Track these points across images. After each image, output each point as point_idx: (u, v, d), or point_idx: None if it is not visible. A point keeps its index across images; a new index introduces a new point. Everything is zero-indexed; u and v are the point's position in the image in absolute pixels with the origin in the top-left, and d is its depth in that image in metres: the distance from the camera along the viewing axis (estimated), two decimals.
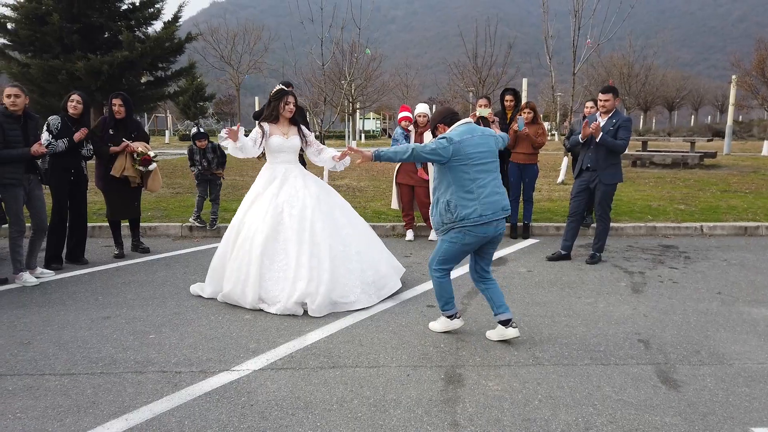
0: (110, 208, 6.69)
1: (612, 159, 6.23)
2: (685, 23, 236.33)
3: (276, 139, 5.11)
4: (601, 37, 12.91)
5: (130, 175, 6.38)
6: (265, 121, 5.14)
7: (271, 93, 5.30)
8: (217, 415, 3.10)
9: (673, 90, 55.18)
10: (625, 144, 6.18)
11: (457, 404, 3.24)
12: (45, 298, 5.12)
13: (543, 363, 3.79)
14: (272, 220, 4.86)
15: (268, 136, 5.10)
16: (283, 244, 4.82)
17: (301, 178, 5.14)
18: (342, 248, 4.92)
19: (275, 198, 4.97)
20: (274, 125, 5.15)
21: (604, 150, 6.14)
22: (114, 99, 6.40)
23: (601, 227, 6.45)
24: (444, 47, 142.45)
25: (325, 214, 4.99)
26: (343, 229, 5.06)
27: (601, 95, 6.29)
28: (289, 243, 4.81)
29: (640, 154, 18.08)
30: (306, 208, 4.92)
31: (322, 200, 5.08)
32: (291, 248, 4.79)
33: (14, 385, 3.44)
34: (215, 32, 35.70)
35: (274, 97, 5.19)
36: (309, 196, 5.01)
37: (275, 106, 5.16)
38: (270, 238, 4.82)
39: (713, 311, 4.85)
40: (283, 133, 5.15)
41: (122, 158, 6.33)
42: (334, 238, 4.92)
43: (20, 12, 15.64)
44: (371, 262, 5.07)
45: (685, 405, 3.24)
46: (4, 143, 5.25)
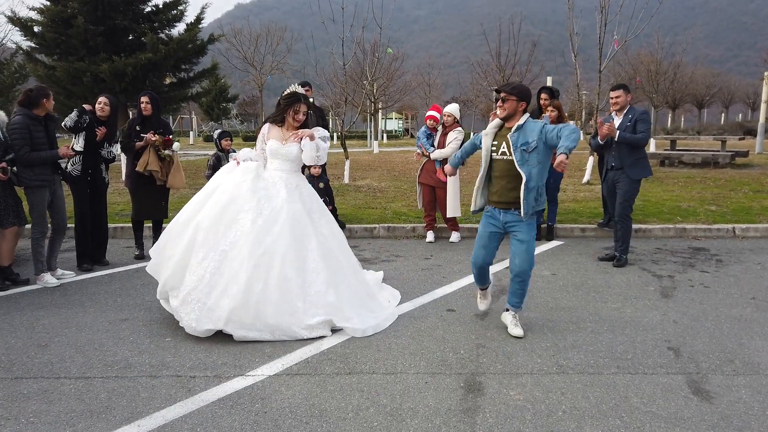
0: (135, 207, 6.72)
1: (636, 154, 6.12)
2: (715, 19, 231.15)
3: (272, 143, 4.61)
4: (628, 34, 12.60)
5: (153, 170, 6.39)
6: (269, 122, 4.75)
7: (283, 94, 4.76)
8: (229, 422, 3.03)
9: (703, 87, 53.90)
10: (646, 136, 6.10)
11: (477, 414, 3.12)
12: (65, 300, 5.13)
13: (567, 371, 3.65)
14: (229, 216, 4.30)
15: (266, 138, 4.68)
16: (226, 246, 4.21)
17: (285, 190, 4.49)
18: (293, 276, 4.24)
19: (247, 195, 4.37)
20: (276, 128, 4.68)
21: (627, 147, 6.05)
22: (142, 97, 6.53)
23: (624, 229, 6.23)
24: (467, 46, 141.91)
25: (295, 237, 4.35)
26: (309, 262, 4.36)
27: (611, 92, 6.27)
28: (234, 249, 4.20)
29: (668, 153, 17.64)
30: (276, 222, 4.31)
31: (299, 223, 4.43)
32: (235, 254, 4.19)
33: (29, 388, 3.41)
34: (238, 34, 35.97)
35: (286, 100, 4.64)
36: (289, 213, 4.38)
37: (284, 110, 4.65)
38: (212, 232, 4.26)
39: (747, 318, 4.63)
40: (283, 138, 4.62)
41: (146, 153, 6.38)
42: (299, 271, 4.28)
43: (46, 15, 15.91)
44: (321, 300, 4.29)
45: (718, 418, 3.07)
46: (31, 146, 5.29)
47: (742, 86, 66.99)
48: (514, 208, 4.12)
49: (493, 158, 4.21)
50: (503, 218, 4.20)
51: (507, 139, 4.12)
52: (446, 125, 7.27)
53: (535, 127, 4.07)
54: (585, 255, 6.77)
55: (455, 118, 7.25)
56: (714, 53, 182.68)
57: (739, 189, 11.38)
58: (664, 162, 16.98)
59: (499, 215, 4.21)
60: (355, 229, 7.99)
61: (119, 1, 15.93)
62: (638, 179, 6.17)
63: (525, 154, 4.03)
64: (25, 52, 17.76)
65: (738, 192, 10.99)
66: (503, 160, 4.15)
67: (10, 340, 4.16)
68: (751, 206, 9.28)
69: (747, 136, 26.90)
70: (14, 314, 4.72)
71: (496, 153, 4.19)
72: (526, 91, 4.15)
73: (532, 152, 4.03)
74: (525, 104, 4.13)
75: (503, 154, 4.14)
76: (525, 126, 4.09)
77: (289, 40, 38.21)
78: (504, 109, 4.12)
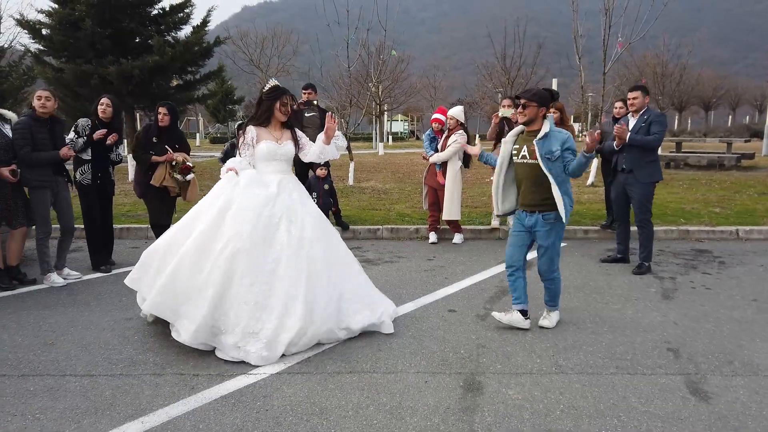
0: (152, 213, 6.66)
1: (648, 157, 6.01)
2: (722, 21, 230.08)
3: (267, 145, 4.29)
4: (632, 36, 12.61)
5: (169, 185, 6.35)
6: (252, 123, 4.37)
7: (264, 91, 4.44)
8: (231, 420, 3.08)
9: (709, 90, 53.69)
10: (658, 138, 5.95)
11: (476, 413, 3.15)
12: (71, 299, 5.20)
13: (566, 371, 3.68)
14: (264, 232, 4.04)
15: (255, 142, 4.30)
16: (272, 265, 3.99)
17: (297, 193, 4.36)
18: (339, 283, 4.21)
19: (270, 207, 4.13)
20: (264, 129, 4.34)
21: (638, 149, 5.95)
22: (160, 107, 6.37)
23: (645, 234, 6.09)
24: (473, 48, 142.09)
25: (325, 240, 4.30)
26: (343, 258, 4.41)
27: (629, 93, 6.15)
28: (280, 265, 3.99)
29: (674, 155, 17.62)
30: (305, 228, 4.18)
31: (320, 221, 4.39)
32: (283, 272, 3.98)
33: (35, 385, 3.48)
34: (245, 36, 36.12)
35: (268, 96, 4.35)
36: (308, 214, 4.29)
37: (269, 107, 4.34)
38: (254, 254, 3.96)
39: (748, 319, 4.65)
40: (275, 138, 4.34)
41: (162, 168, 6.28)
42: (333, 270, 4.22)
43: (54, 18, 16.05)
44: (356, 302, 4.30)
45: (715, 418, 3.10)
46: (33, 147, 5.37)
47: (749, 88, 66.67)
48: (539, 210, 4.27)
49: (515, 162, 4.37)
50: (528, 222, 4.36)
51: (529, 144, 4.26)
52: (450, 128, 7.31)
53: (559, 137, 4.21)
54: (587, 257, 6.79)
55: (458, 121, 7.28)
56: (722, 55, 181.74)
57: (743, 191, 11.36)
58: (670, 164, 16.95)
59: (525, 218, 4.37)
60: (359, 230, 8.04)
61: (126, 4, 16.05)
62: (650, 182, 6.04)
63: (549, 162, 4.17)
64: (33, 55, 17.92)
65: (743, 194, 10.97)
66: (525, 164, 4.29)
67: (17, 338, 4.23)
68: (756, 208, 9.27)
69: (753, 138, 26.81)
70: (21, 313, 4.79)
71: (517, 157, 4.34)
72: (546, 97, 4.29)
73: (555, 161, 4.17)
74: (545, 110, 4.28)
75: (524, 157, 4.29)
76: (550, 134, 4.21)
77: (295, 43, 38.35)
78: (524, 115, 4.27)
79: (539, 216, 4.29)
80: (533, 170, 4.24)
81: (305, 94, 8.19)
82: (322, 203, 7.42)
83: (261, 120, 4.36)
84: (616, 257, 6.45)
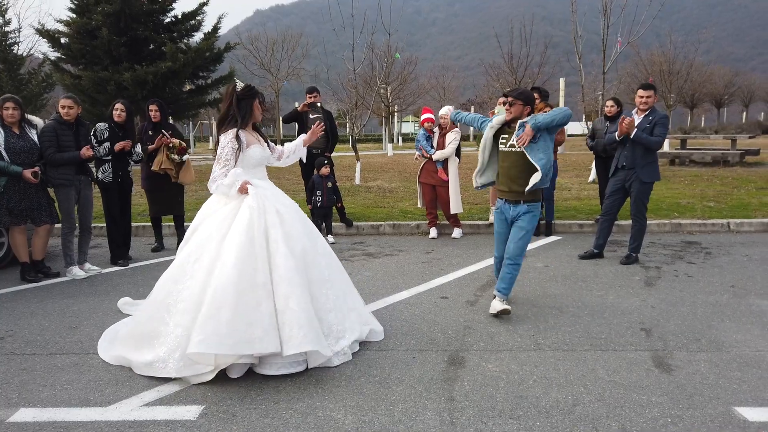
0: (152, 206, 7.34)
1: (649, 157, 6.17)
2: (737, 17, 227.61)
3: (256, 150, 3.95)
4: (631, 36, 12.84)
5: (167, 168, 6.99)
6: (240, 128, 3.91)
7: (235, 91, 3.92)
8: (236, 389, 3.45)
9: (721, 86, 53.40)
10: (661, 141, 6.15)
11: (456, 383, 3.49)
12: (92, 289, 5.62)
13: (543, 348, 4.00)
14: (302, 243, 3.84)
15: (245, 147, 3.90)
16: (327, 270, 3.96)
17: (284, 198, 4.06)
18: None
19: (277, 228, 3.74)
20: (247, 132, 3.97)
21: (641, 147, 6.10)
22: (150, 105, 7.16)
23: (638, 227, 6.34)
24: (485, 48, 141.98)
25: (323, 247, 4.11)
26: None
27: (642, 92, 6.18)
28: (331, 270, 4.00)
29: (678, 152, 17.76)
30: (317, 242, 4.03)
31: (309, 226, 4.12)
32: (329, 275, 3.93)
33: (62, 362, 3.88)
34: (255, 40, 36.70)
35: (247, 94, 3.93)
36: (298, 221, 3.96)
37: (249, 105, 3.93)
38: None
39: (722, 303, 4.93)
40: (258, 140, 4.02)
41: (160, 153, 6.99)
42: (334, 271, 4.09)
43: (72, 27, 16.67)
44: None
45: (674, 387, 3.41)
46: (57, 148, 5.82)
47: (763, 84, 66.10)
48: (523, 201, 4.60)
49: (503, 151, 4.71)
50: (512, 213, 4.69)
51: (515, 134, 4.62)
52: (443, 126, 7.65)
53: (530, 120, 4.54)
54: (580, 249, 7.07)
55: (452, 119, 7.62)
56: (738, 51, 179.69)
57: (743, 186, 11.56)
58: (674, 161, 17.13)
59: (509, 210, 4.69)
60: (362, 226, 8.40)
61: (141, 13, 16.63)
62: (651, 182, 6.21)
63: (532, 144, 4.52)
64: (52, 63, 18.58)
65: (741, 189, 11.17)
66: (513, 152, 4.63)
67: (44, 323, 4.65)
68: (750, 202, 9.49)
69: (765, 134, 26.74)
70: (47, 302, 5.22)
71: (505, 146, 4.69)
72: (531, 97, 4.70)
73: (537, 142, 4.52)
74: (529, 108, 4.65)
75: (512, 146, 4.63)
76: (528, 120, 4.56)
77: (305, 46, 38.88)
78: (511, 113, 4.63)
79: (524, 206, 4.62)
80: (521, 159, 4.58)
81: (310, 97, 8.56)
82: (326, 200, 7.79)
83: (247, 122, 3.96)
84: (593, 252, 6.59)
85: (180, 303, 3.62)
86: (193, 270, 3.66)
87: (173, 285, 3.71)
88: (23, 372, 3.70)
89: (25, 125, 5.88)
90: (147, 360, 3.62)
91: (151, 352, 3.64)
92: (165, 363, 3.55)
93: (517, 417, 3.05)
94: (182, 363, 3.51)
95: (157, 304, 3.76)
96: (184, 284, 3.66)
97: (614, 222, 6.78)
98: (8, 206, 5.71)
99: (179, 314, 3.58)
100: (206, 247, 3.69)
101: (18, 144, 5.70)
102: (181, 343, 3.50)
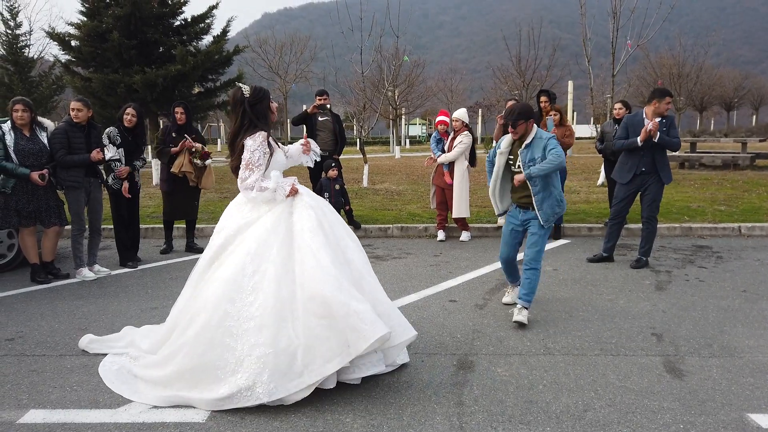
0: (168, 209, 7.30)
1: (666, 159, 6.21)
2: (747, 20, 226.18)
3: (280, 154, 3.75)
4: (641, 38, 12.79)
5: (187, 171, 6.98)
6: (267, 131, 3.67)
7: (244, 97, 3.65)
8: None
9: (731, 89, 53.06)
10: (679, 141, 6.20)
11: (465, 387, 3.47)
12: (101, 291, 5.64)
13: (553, 353, 3.98)
14: None
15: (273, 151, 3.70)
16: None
17: None
18: None
19: None
20: None
21: (660, 151, 6.11)
22: (177, 107, 7.14)
23: (650, 230, 6.30)
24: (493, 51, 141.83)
25: None
26: None
27: (666, 98, 6.09)
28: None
29: (688, 155, 17.63)
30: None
31: None
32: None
33: (72, 363, 3.89)
34: (264, 43, 36.84)
35: (258, 98, 3.67)
36: None
37: (264, 108, 3.71)
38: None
39: (734, 308, 4.89)
40: (276, 144, 3.82)
41: (181, 157, 6.98)
42: None
43: (83, 30, 16.77)
44: None
45: (686, 392, 3.37)
46: (68, 150, 5.85)
47: None
48: (532, 208, 4.60)
49: (513, 171, 4.71)
50: (522, 217, 4.70)
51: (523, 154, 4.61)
52: (456, 129, 7.64)
53: (540, 144, 4.50)
54: (589, 252, 7.02)
55: (463, 122, 7.62)
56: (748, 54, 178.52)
57: (753, 190, 11.46)
58: (684, 164, 17.00)
59: (519, 214, 4.71)
60: (370, 229, 8.39)
61: (151, 16, 16.71)
62: (666, 183, 6.20)
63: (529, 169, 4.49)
64: (63, 65, 18.70)
65: (752, 193, 11.07)
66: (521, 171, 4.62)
67: (54, 324, 4.67)
68: (762, 206, 9.41)
69: None
70: (57, 303, 5.24)
71: (514, 166, 4.69)
72: (529, 110, 4.57)
73: None
74: (533, 120, 4.57)
75: (519, 167, 4.62)
76: (533, 144, 4.52)
77: (313, 48, 38.99)
78: (517, 133, 4.58)
79: (533, 212, 4.61)
80: None
81: (319, 100, 8.59)
82: (334, 203, 7.79)
83: (268, 126, 3.75)
84: (602, 256, 6.56)
85: (248, 322, 3.25)
86: (253, 284, 3.32)
87: (230, 305, 3.30)
88: (33, 373, 3.71)
89: (36, 127, 5.92)
90: (221, 395, 3.17)
91: (222, 384, 3.20)
92: (251, 390, 3.14)
93: (527, 422, 3.03)
94: (273, 385, 3.14)
95: (212, 330, 3.28)
96: (245, 301, 3.30)
97: (624, 225, 6.74)
98: (17, 208, 5.75)
99: (251, 333, 3.22)
100: (264, 257, 3.37)
101: (27, 146, 5.73)
102: (268, 362, 3.14)
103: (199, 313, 3.38)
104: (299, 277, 3.32)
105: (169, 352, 3.50)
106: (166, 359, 3.48)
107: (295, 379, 3.17)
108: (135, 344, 3.93)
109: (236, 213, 3.66)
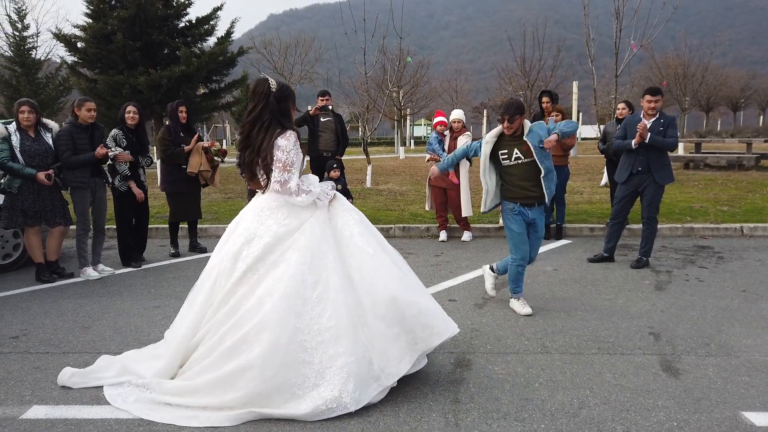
0: (176, 211, 7.18)
1: (663, 159, 6.16)
2: (754, 20, 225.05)
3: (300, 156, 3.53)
4: (645, 39, 12.78)
5: (204, 170, 6.96)
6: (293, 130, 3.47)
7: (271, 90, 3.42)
8: None
9: (737, 90, 52.83)
10: (676, 142, 6.15)
11: (461, 384, 3.51)
12: (105, 290, 5.70)
13: (550, 351, 4.00)
14: None
15: None
16: None
17: None
18: None
19: None
20: None
21: (656, 151, 6.09)
22: (180, 106, 7.05)
23: (650, 231, 6.30)
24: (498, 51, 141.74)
25: None
26: None
27: (650, 97, 6.12)
28: None
29: (693, 156, 17.59)
30: None
31: None
32: None
33: (75, 361, 3.94)
34: (269, 44, 36.96)
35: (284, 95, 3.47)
36: None
37: (288, 107, 3.50)
38: None
39: (733, 308, 4.90)
40: None
41: (197, 156, 6.87)
42: None
43: (88, 32, 16.96)
44: None
45: (681, 390, 3.39)
46: (74, 151, 5.92)
47: None
48: (538, 204, 4.76)
49: (508, 165, 4.76)
50: (531, 215, 4.80)
51: (519, 145, 4.68)
52: (455, 130, 7.66)
53: (538, 130, 4.68)
54: (590, 252, 7.04)
55: (463, 123, 7.65)
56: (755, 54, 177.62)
57: (758, 191, 11.43)
58: (689, 165, 16.96)
59: (528, 212, 4.78)
60: None
61: (155, 18, 16.87)
62: (664, 184, 6.18)
63: (543, 150, 4.65)
64: (69, 66, 18.89)
65: (755, 193, 11.05)
66: (519, 164, 4.71)
67: (58, 322, 4.73)
68: (765, 206, 9.39)
69: None
70: (61, 302, 5.31)
71: (510, 160, 4.73)
72: (521, 105, 4.79)
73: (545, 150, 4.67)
74: (525, 114, 4.76)
75: (518, 159, 4.70)
76: (532, 128, 4.69)
77: (317, 49, 39.08)
78: (512, 128, 4.68)
79: (539, 208, 4.80)
80: (531, 167, 4.67)
81: (321, 100, 8.63)
82: None
83: (292, 125, 3.52)
84: (603, 256, 6.57)
85: (321, 334, 3.16)
86: (317, 294, 3.23)
87: (298, 320, 3.16)
88: (36, 370, 3.77)
89: (41, 128, 5.99)
90: (303, 411, 3.05)
91: (302, 401, 3.09)
92: (338, 401, 3.07)
93: (522, 419, 3.06)
94: (358, 392, 3.11)
95: (282, 349, 3.10)
96: (313, 313, 3.19)
97: (624, 225, 6.76)
98: (22, 208, 5.82)
99: (328, 345, 3.14)
100: (322, 266, 3.29)
101: (33, 147, 5.81)
102: (351, 371, 3.10)
103: (260, 332, 3.14)
104: (358, 283, 3.32)
105: (216, 377, 3.17)
106: (216, 384, 3.16)
107: (373, 383, 3.20)
108: (130, 371, 3.55)
109: (268, 219, 3.42)
